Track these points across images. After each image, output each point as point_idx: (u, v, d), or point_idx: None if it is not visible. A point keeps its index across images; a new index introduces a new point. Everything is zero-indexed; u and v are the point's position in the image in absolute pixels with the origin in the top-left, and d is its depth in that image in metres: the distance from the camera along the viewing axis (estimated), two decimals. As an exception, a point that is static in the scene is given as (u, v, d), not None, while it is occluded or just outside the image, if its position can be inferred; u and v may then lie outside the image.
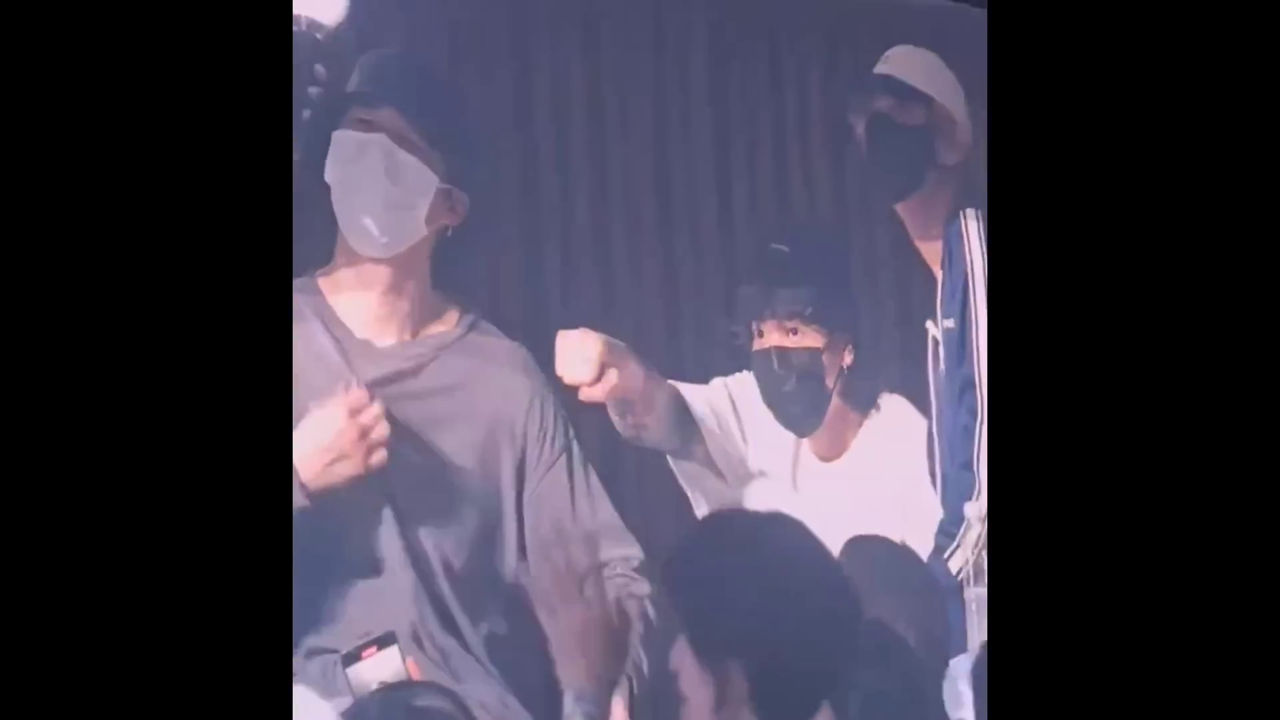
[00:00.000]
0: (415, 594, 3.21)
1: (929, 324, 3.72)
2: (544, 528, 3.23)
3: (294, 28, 3.32)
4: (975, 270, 3.57)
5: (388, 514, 3.22)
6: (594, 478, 3.36)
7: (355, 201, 3.22)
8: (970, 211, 3.60)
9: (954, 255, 3.61)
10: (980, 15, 3.20)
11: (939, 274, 3.68)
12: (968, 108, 3.70)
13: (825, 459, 3.81)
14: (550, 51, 4.37)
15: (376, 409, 3.15)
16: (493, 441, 3.27)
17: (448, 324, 3.34)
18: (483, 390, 3.30)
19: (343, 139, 3.23)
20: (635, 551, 3.33)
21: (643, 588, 3.29)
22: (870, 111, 3.69)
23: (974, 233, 3.58)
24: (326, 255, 3.32)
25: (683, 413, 3.74)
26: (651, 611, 3.26)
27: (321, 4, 3.34)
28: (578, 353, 3.50)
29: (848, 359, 3.76)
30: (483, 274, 3.99)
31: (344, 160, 3.23)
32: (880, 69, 3.74)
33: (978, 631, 3.18)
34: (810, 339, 3.73)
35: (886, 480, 3.71)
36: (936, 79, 3.72)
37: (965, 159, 3.67)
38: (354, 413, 3.13)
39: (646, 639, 3.20)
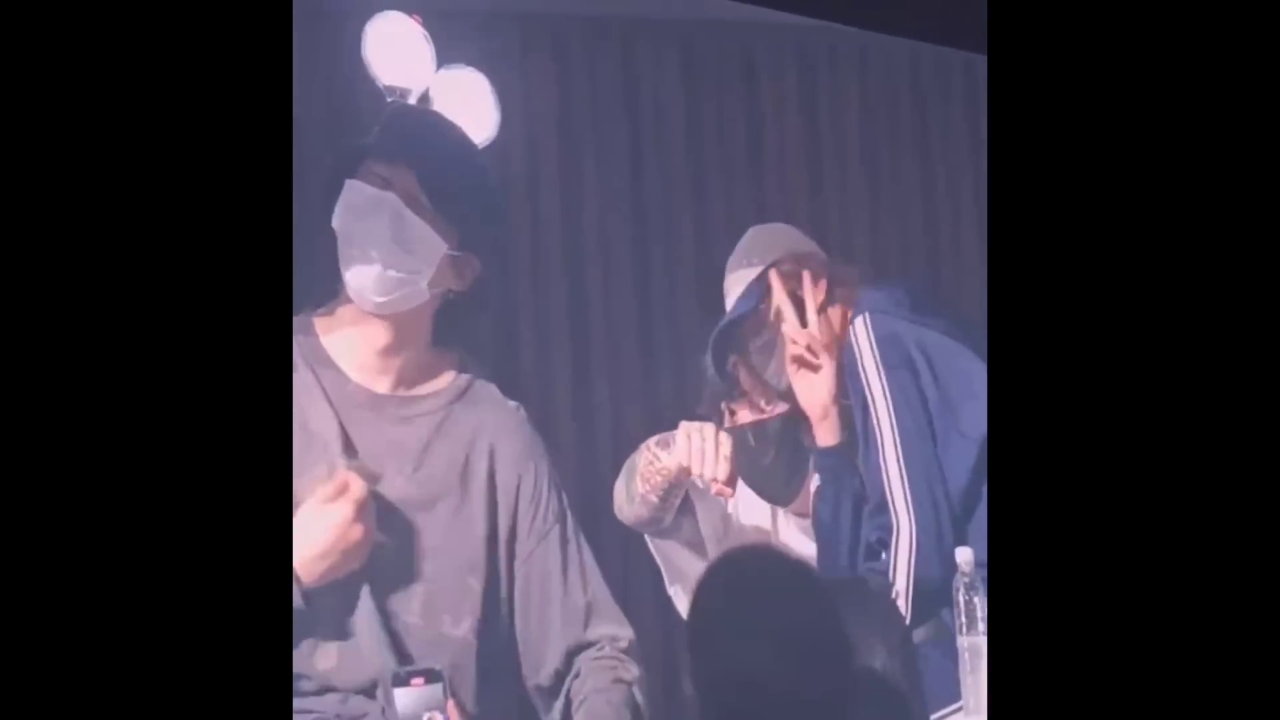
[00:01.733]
0: (387, 658, 3.08)
1: None
2: (534, 596, 3.15)
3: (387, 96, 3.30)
4: (871, 384, 3.45)
5: (369, 584, 3.08)
6: (586, 550, 3.21)
7: (359, 256, 3.07)
8: (856, 323, 3.48)
9: (850, 374, 3.49)
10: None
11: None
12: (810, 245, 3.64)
13: (803, 514, 3.68)
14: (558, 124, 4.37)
15: (371, 510, 3.03)
16: (489, 506, 3.14)
17: (444, 381, 3.20)
18: (478, 452, 3.16)
19: (355, 189, 3.08)
20: (625, 631, 3.20)
21: (631, 670, 3.17)
22: (742, 351, 3.59)
23: (865, 345, 3.46)
24: (329, 295, 3.19)
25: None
26: (640, 698, 3.16)
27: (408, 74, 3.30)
28: (711, 448, 3.43)
29: None
30: (486, 333, 3.92)
31: (353, 211, 3.08)
32: (729, 302, 3.63)
33: (971, 681, 3.09)
34: (784, 405, 3.60)
35: None
36: (772, 245, 3.65)
37: (831, 279, 3.58)
38: (358, 512, 3.00)
39: None
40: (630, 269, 4.63)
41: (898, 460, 3.41)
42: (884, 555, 3.40)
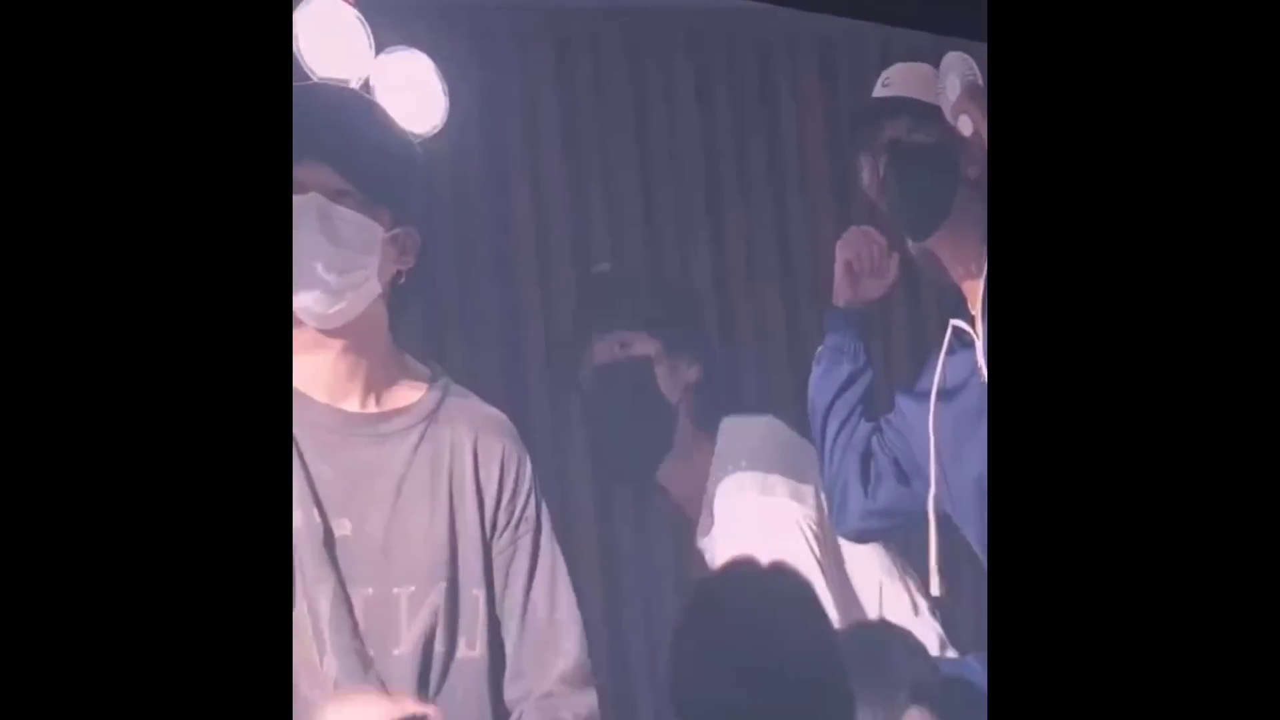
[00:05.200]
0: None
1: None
2: (512, 606, 2.99)
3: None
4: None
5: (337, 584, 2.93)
6: (561, 567, 3.03)
7: (301, 274, 2.85)
8: None
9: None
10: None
11: (979, 329, 3.35)
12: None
13: (695, 517, 3.50)
14: (521, 79, 4.23)
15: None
16: (461, 516, 2.98)
17: (418, 390, 3.02)
18: (458, 463, 2.99)
19: None
20: (569, 663, 2.99)
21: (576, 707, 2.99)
22: (881, 143, 3.39)
23: None
24: None
25: None
26: None
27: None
28: None
29: (692, 375, 3.45)
30: (450, 324, 3.81)
31: None
32: (881, 93, 3.45)
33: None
34: (642, 346, 3.43)
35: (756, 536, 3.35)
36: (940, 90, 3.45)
37: (984, 172, 3.36)
38: None
39: None
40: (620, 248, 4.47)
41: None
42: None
